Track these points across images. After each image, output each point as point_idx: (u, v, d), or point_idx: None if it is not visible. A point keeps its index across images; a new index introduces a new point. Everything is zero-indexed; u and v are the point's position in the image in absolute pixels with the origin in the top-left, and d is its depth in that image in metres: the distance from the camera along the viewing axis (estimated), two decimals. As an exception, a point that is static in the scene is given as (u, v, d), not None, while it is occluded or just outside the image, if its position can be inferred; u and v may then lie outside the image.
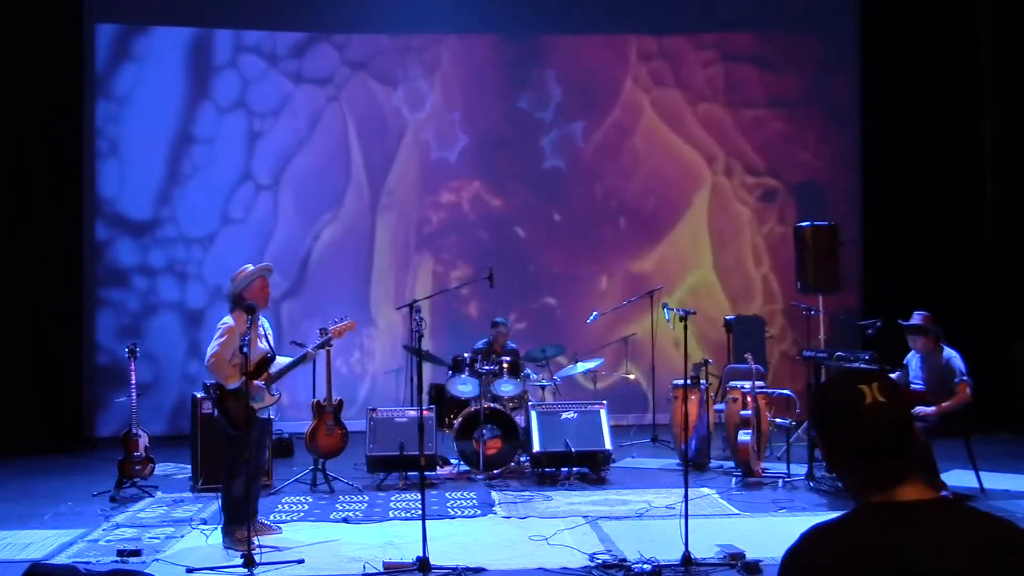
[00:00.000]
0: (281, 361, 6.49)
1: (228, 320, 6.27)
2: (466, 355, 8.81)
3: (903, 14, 11.02)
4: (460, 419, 8.43)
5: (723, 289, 11.60)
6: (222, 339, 6.17)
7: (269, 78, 11.21)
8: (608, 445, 8.29)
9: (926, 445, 7.00)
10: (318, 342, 6.80)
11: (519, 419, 8.57)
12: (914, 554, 1.73)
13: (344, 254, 11.30)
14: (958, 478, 7.70)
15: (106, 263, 10.89)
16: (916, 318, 7.59)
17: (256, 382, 6.20)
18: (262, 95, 11.18)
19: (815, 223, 9.43)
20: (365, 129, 11.35)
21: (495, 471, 8.28)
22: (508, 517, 6.97)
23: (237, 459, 6.17)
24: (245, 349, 5.89)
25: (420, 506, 5.82)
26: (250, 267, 6.47)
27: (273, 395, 6.40)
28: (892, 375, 7.62)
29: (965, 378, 7.39)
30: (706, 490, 7.78)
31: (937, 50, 10.91)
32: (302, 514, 7.12)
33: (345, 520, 6.92)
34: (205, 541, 6.36)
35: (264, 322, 6.52)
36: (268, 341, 6.46)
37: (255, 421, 6.30)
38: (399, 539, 6.34)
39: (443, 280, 11.23)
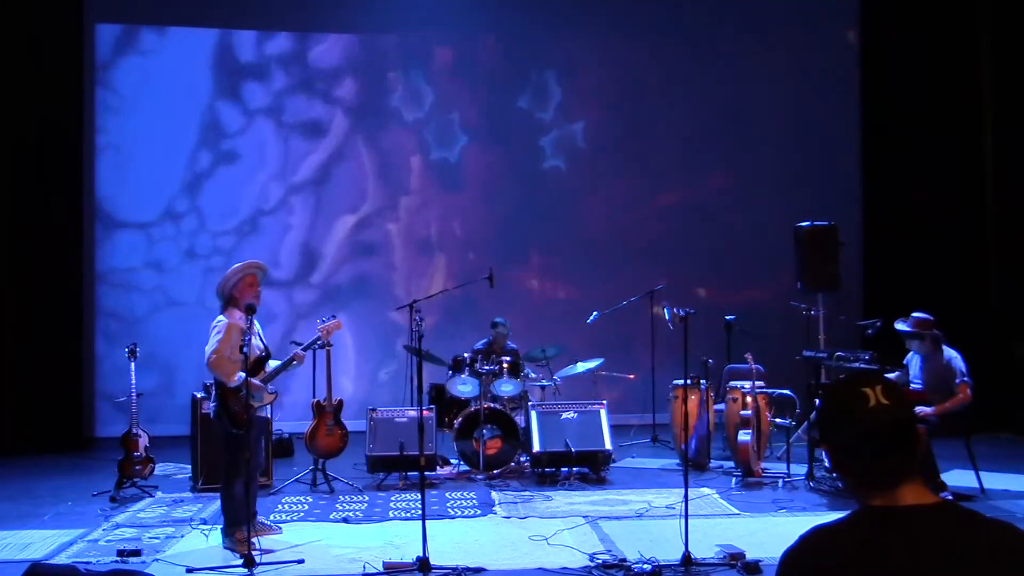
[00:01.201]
0: (271, 364, 6.47)
1: (223, 319, 6.24)
2: (466, 355, 8.81)
3: (904, 14, 11.01)
4: (460, 419, 8.43)
5: (722, 289, 11.58)
6: (220, 336, 6.14)
7: (268, 80, 11.19)
8: (608, 445, 8.29)
9: (926, 446, 7.00)
10: (307, 342, 6.78)
11: (519, 419, 8.57)
12: (912, 558, 1.73)
13: (350, 257, 11.30)
14: (958, 478, 7.71)
15: (109, 263, 10.89)
16: (908, 322, 7.56)
17: (253, 380, 6.19)
18: (264, 99, 11.17)
19: (815, 223, 9.42)
20: (366, 131, 11.33)
21: (495, 471, 8.28)
22: (508, 517, 6.97)
23: (237, 460, 6.12)
24: (246, 349, 5.89)
25: (420, 506, 5.83)
26: (239, 265, 6.45)
27: (270, 393, 6.40)
28: (892, 375, 7.63)
29: (966, 379, 7.40)
30: (706, 490, 7.78)
31: (938, 49, 10.91)
32: (302, 514, 7.12)
33: (345, 520, 6.91)
34: (205, 541, 6.37)
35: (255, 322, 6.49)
36: (262, 340, 6.46)
37: (254, 420, 6.29)
38: (399, 539, 6.34)
39: (442, 280, 11.21)
